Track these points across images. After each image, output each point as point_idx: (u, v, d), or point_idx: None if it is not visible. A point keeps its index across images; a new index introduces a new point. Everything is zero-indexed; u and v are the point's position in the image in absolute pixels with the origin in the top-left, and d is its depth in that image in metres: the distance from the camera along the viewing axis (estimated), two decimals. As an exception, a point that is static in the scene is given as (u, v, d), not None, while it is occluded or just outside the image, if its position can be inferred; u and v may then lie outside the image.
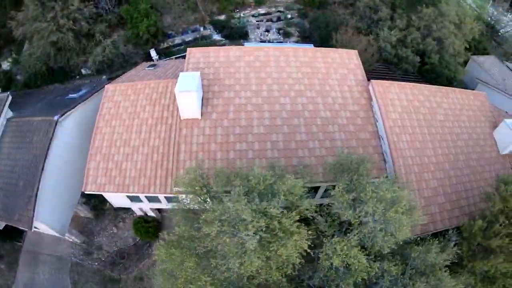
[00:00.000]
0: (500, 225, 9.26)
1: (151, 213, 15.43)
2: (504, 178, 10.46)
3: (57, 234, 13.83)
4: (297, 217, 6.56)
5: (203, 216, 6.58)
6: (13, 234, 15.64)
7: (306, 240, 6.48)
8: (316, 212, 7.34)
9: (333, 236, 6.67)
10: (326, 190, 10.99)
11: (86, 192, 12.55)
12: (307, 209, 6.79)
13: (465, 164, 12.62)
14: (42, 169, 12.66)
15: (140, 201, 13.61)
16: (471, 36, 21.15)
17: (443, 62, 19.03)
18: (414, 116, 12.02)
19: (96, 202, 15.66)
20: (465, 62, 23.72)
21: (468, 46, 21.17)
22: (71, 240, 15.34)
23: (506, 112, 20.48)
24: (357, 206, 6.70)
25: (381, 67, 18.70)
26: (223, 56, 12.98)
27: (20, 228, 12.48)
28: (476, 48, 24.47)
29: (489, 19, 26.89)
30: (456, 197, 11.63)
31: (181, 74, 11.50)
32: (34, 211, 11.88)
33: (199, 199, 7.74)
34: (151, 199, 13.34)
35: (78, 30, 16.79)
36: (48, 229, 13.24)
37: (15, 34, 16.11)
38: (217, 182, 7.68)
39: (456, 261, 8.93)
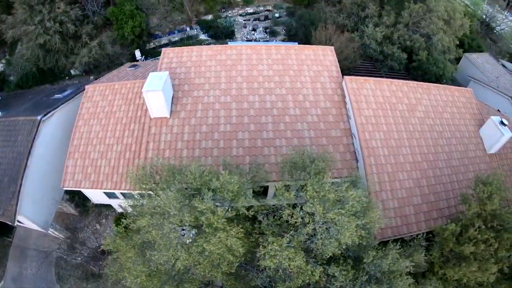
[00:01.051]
0: (476, 229, 8.19)
1: (130, 210, 15.23)
2: (482, 178, 9.25)
3: (40, 229, 13.89)
4: (227, 214, 6.19)
5: (137, 209, 6.43)
6: (3, 230, 15.81)
7: (239, 238, 6.08)
8: (267, 211, 6.79)
9: (272, 236, 6.07)
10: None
11: (64, 188, 12.64)
12: (248, 207, 6.30)
13: (446, 164, 11.55)
14: (25, 166, 12.83)
15: (117, 197, 13.45)
16: (462, 33, 19.83)
17: (431, 59, 17.87)
18: (390, 113, 11.01)
19: (79, 199, 15.63)
20: (458, 60, 22.45)
21: (459, 43, 19.86)
22: (55, 235, 15.39)
23: (498, 110, 19.07)
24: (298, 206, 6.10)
25: (367, 64, 17.76)
26: (195, 55, 12.54)
27: (5, 222, 12.63)
28: (470, 46, 23.08)
29: (484, 16, 25.34)
30: (435, 198, 10.56)
31: (150, 74, 11.27)
32: (17, 206, 12.00)
33: (150, 194, 7.57)
34: (126, 196, 13.13)
35: (65, 32, 16.66)
36: (31, 223, 13.26)
37: (5, 37, 16.28)
38: (163, 178, 7.44)
39: (427, 268, 8.14)
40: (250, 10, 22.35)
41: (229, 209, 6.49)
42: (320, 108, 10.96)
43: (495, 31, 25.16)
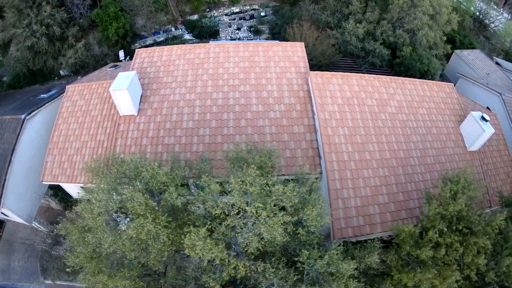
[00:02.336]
0: (436, 232, 7.27)
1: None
2: (448, 176, 8.34)
3: (24, 222, 14.19)
4: (152, 202, 6.25)
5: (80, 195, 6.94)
6: (-6, 224, 16.16)
7: (164, 226, 6.04)
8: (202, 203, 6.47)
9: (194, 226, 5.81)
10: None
11: (44, 183, 12.94)
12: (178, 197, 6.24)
13: (420, 161, 10.62)
14: (10, 161, 13.17)
15: (93, 193, 13.55)
16: (449, 28, 18.76)
17: (415, 55, 16.94)
18: (357, 109, 10.23)
19: (62, 195, 15.75)
20: (449, 57, 21.32)
21: (450, 41, 18.82)
22: (40, 229, 15.59)
23: (488, 108, 17.96)
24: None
25: (348, 60, 17.02)
26: (166, 55, 12.30)
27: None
28: (462, 43, 21.89)
29: (477, 13, 23.97)
30: (405, 197, 9.67)
31: (119, 74, 11.36)
32: (1, 199, 12.28)
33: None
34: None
35: (51, 35, 16.75)
36: (15, 216, 13.59)
37: (-4, 39, 16.68)
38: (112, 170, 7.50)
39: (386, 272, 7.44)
40: (236, 9, 21.89)
41: (159, 199, 6.46)
42: (284, 105, 10.40)
43: (489, 28, 23.81)
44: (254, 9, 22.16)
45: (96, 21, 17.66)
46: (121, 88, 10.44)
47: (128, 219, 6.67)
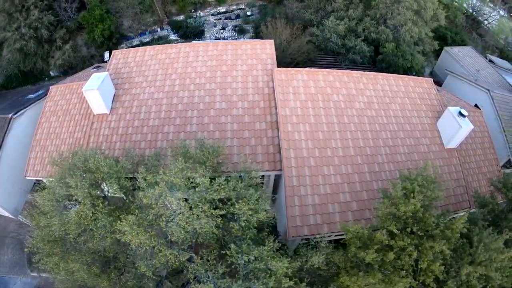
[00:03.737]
0: (389, 234, 6.72)
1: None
2: (406, 174, 7.68)
3: (10, 215, 14.73)
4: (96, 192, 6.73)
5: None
6: (-13, 220, 16.78)
7: (104, 213, 6.47)
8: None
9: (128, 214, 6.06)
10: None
11: (27, 178, 13.21)
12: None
13: (389, 159, 10.22)
14: None
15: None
16: (436, 24, 18.17)
17: (398, 51, 16.47)
18: (321, 105, 9.95)
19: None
20: (439, 54, 20.69)
21: (438, 35, 18.24)
22: (26, 223, 16.11)
23: (476, 105, 17.31)
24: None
25: (328, 58, 16.75)
26: (139, 55, 12.43)
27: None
28: (453, 40, 21.22)
29: (470, 10, 23.14)
30: (369, 196, 9.29)
31: (92, 74, 11.65)
32: None
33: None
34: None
35: (39, 37, 17.25)
36: (2, 209, 14.20)
37: (-12, 42, 17.33)
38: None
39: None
40: (222, 9, 21.89)
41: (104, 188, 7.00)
42: (247, 102, 10.30)
43: (482, 25, 22.98)
44: (240, 9, 22.12)
45: (83, 23, 18.05)
46: (92, 88, 10.72)
47: (77, 206, 6.92)
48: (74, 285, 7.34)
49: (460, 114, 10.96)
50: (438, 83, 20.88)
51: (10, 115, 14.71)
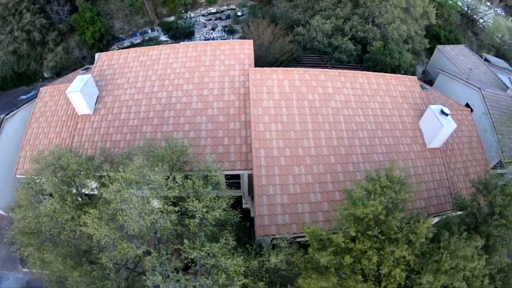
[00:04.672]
0: (342, 236, 6.52)
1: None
2: (370, 174, 7.46)
3: (1, 212, 15.39)
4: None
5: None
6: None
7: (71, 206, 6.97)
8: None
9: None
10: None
11: (17, 176, 13.65)
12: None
13: (365, 159, 10.16)
14: None
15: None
16: (426, 22, 18.07)
17: (386, 49, 16.47)
18: (295, 104, 10.02)
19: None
20: (431, 52, 20.56)
21: (432, 34, 18.13)
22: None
23: (467, 104, 17.16)
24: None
25: (314, 57, 16.86)
26: (123, 58, 12.81)
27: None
28: (447, 38, 21.06)
29: (465, 9, 22.88)
30: (341, 197, 9.10)
31: (77, 77, 12.10)
32: None
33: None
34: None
35: (32, 40, 17.96)
36: None
37: (-19, 45, 18.07)
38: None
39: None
40: (213, 9, 22.21)
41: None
42: (223, 102, 10.52)
43: (477, 23, 22.72)
44: (231, 9, 22.39)
45: (74, 25, 18.61)
46: (75, 90, 11.16)
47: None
48: (53, 277, 7.70)
49: (442, 112, 10.78)
50: (431, 82, 20.79)
51: (2, 116, 15.27)
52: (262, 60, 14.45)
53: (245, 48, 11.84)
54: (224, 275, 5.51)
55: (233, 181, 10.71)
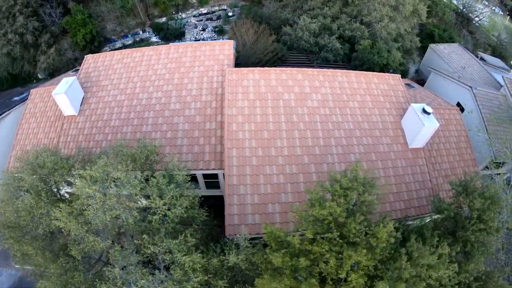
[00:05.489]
0: (297, 238, 6.37)
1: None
2: (333, 175, 7.27)
3: None
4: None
5: None
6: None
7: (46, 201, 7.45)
8: None
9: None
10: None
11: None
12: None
13: (341, 159, 10.24)
14: None
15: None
16: (416, 20, 18.13)
17: (374, 48, 16.62)
18: (270, 104, 10.23)
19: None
20: (424, 51, 20.56)
21: (426, 32, 18.18)
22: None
23: (459, 103, 17.14)
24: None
25: (301, 56, 17.13)
26: (108, 60, 13.37)
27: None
28: (441, 37, 21.06)
29: (461, 7, 22.79)
30: None
31: (63, 79, 12.70)
32: None
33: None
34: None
35: (25, 42, 18.76)
36: None
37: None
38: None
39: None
40: (204, 10, 22.68)
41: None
42: (200, 102, 10.94)
43: (473, 22, 22.61)
44: (222, 10, 22.80)
45: (66, 28, 19.34)
46: (60, 92, 11.72)
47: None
48: (37, 271, 8.21)
49: (424, 111, 10.64)
50: (424, 81, 20.77)
51: (-5, 117, 15.91)
52: (245, 60, 14.80)
53: (225, 49, 12.22)
54: (180, 271, 5.84)
55: (213, 180, 11.10)
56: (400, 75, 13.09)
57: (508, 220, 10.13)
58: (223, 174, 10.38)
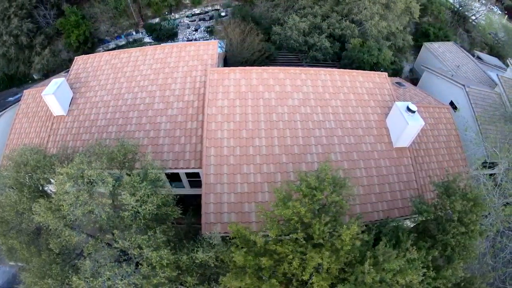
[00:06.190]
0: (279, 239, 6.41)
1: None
2: (301, 175, 7.07)
3: None
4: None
5: None
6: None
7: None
8: None
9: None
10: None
11: None
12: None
13: (320, 158, 10.29)
14: None
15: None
16: (408, 18, 18.26)
17: (364, 46, 16.83)
18: (250, 103, 10.51)
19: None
20: (419, 49, 20.65)
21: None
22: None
23: (452, 103, 17.22)
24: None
25: (290, 56, 17.44)
26: (96, 61, 13.87)
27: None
28: (436, 35, 21.13)
29: (457, 6, 22.80)
30: None
31: (52, 80, 13.27)
32: None
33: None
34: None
35: (20, 44, 19.52)
36: None
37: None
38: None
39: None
40: (197, 10, 23.17)
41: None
42: (183, 102, 11.36)
43: (469, 21, 22.62)
44: (215, 10, 23.25)
45: (60, 29, 20.04)
46: (49, 93, 12.22)
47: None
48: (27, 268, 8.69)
49: (409, 109, 10.59)
50: (418, 80, 20.85)
51: (-12, 118, 16.63)
52: (232, 60, 15.18)
53: (209, 49, 12.61)
54: (148, 266, 6.22)
55: (196, 179, 11.47)
56: (386, 73, 13.09)
57: (494, 223, 9.95)
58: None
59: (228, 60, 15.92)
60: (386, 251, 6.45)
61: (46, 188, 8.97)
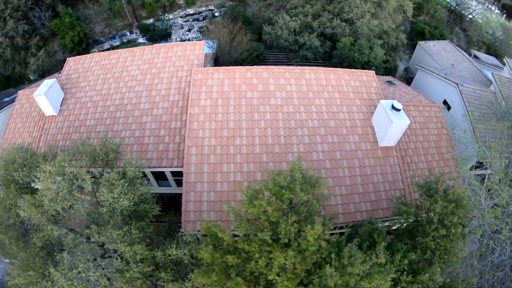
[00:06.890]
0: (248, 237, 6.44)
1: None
2: (272, 174, 7.13)
3: None
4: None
5: None
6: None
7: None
8: None
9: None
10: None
11: None
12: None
13: (302, 157, 10.21)
14: None
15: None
16: (401, 16, 18.43)
17: (355, 45, 17.06)
18: (232, 102, 10.86)
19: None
20: (413, 48, 20.79)
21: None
22: None
23: (445, 102, 17.30)
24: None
25: (280, 55, 17.77)
26: (87, 62, 14.41)
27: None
28: (432, 34, 21.22)
29: (454, 5, 22.84)
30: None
31: (44, 81, 13.87)
32: None
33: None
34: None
35: (16, 45, 20.31)
36: None
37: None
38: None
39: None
40: (191, 11, 23.69)
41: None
42: (168, 102, 11.81)
43: (466, 19, 22.65)
44: (209, 10, 23.73)
45: (55, 30, 20.74)
46: (40, 93, 12.82)
47: None
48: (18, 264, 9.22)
49: (393, 107, 10.67)
50: (413, 79, 20.96)
51: (-17, 118, 17.37)
52: (221, 60, 15.59)
53: (195, 50, 13.04)
54: (122, 261, 6.63)
55: (181, 178, 11.86)
56: (374, 71, 13.20)
57: (481, 226, 9.61)
58: (187, 171, 11.11)
59: (218, 60, 16.32)
60: (352, 254, 6.35)
61: (33, 185, 9.49)
